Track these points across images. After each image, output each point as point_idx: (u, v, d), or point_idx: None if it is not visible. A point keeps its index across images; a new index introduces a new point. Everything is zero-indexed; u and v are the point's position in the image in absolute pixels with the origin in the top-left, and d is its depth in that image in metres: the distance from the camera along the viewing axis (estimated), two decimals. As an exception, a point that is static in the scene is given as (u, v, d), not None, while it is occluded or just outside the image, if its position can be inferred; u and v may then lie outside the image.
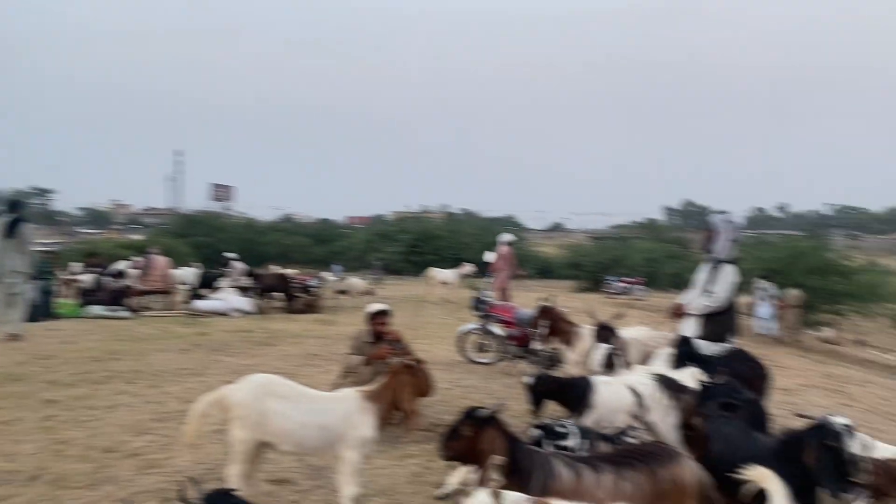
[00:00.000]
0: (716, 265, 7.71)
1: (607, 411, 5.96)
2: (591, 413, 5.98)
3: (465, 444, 4.16)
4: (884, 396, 12.21)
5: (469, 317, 12.33)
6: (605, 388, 6.09)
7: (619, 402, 5.98)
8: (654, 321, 12.81)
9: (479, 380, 9.95)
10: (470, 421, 4.17)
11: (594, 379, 6.26)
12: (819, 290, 23.26)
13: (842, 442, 3.99)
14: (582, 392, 6.05)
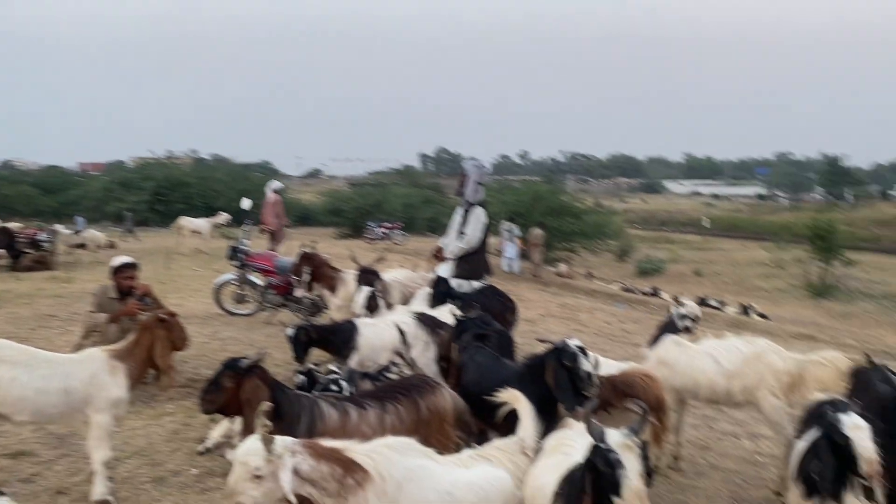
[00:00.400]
0: (468, 208, 8.18)
1: (372, 351, 6.16)
2: (356, 355, 6.13)
3: (226, 395, 4.04)
4: (608, 321, 13.93)
5: (225, 267, 11.88)
6: (368, 330, 6.27)
7: (382, 342, 6.21)
8: (414, 264, 13.30)
9: (238, 331, 9.69)
10: (230, 372, 4.05)
11: (358, 322, 6.39)
12: (555, 229, 25.72)
13: (577, 362, 4.49)
14: (347, 336, 6.17)
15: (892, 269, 35.97)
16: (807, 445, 4.06)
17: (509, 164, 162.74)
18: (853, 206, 70.23)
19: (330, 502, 3.18)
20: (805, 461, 4.01)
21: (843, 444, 3.67)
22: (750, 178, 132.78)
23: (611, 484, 2.91)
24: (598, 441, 2.99)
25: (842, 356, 5.66)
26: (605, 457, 2.94)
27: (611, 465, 2.91)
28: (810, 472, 3.91)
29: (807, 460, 3.98)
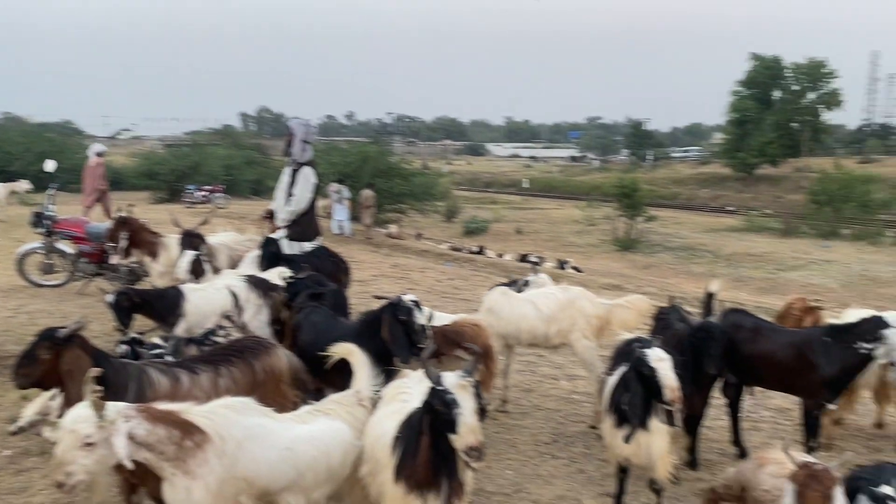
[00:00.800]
0: (296, 168, 8.06)
1: (201, 318, 5.95)
2: (183, 322, 5.91)
3: (44, 368, 3.78)
4: (438, 279, 14.35)
5: (29, 236, 10.87)
6: (196, 296, 6.04)
7: (211, 308, 6.02)
8: (238, 227, 12.89)
9: (48, 303, 8.97)
10: (47, 342, 3.79)
11: (185, 287, 6.15)
12: (385, 191, 25.86)
13: (412, 316, 4.65)
14: (172, 302, 5.92)
15: (687, 223, 39.79)
16: (617, 379, 4.50)
17: (335, 125, 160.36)
18: (653, 166, 76.55)
19: (168, 466, 3.11)
20: (615, 394, 4.45)
21: (650, 375, 4.12)
22: (564, 141, 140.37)
23: (447, 422, 3.10)
24: (436, 384, 3.16)
25: (643, 299, 6.30)
26: (442, 397, 3.12)
27: (447, 405, 3.10)
28: (620, 403, 4.35)
29: (617, 393, 4.43)
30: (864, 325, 5.04)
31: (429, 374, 3.20)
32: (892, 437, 6.25)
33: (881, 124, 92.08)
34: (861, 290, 22.00)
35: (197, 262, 7.06)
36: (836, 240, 31.86)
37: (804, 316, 6.47)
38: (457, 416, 3.07)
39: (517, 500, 4.83)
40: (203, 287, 6.28)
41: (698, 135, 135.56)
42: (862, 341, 4.95)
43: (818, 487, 3.48)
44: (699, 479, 5.24)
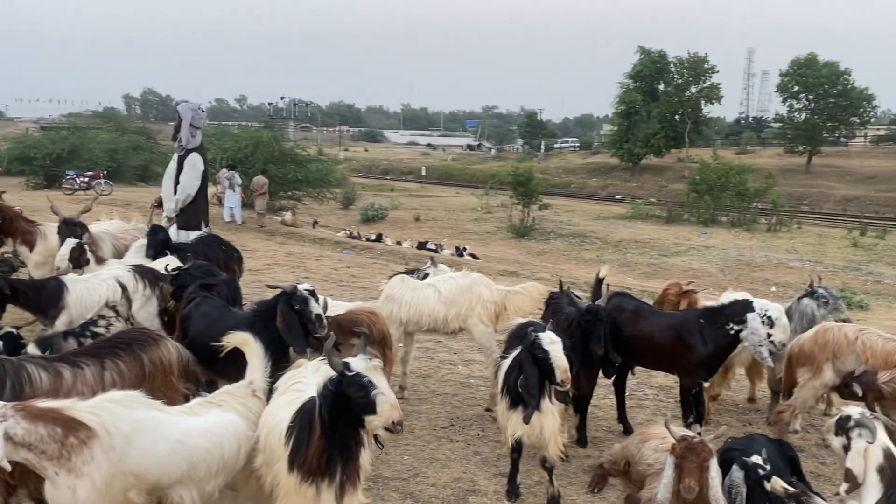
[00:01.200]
0: (183, 155, 7.79)
1: (84, 310, 5.66)
2: (65, 314, 5.62)
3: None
4: (335, 267, 14.23)
5: None
6: (79, 287, 5.75)
7: (95, 299, 5.73)
8: (124, 215, 12.31)
9: None
10: None
11: (66, 278, 5.83)
12: (279, 177, 25.29)
13: (307, 305, 4.60)
14: (52, 294, 5.61)
15: (578, 211, 41.11)
16: (511, 362, 4.64)
17: (226, 109, 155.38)
18: (546, 155, 78.56)
19: (50, 465, 2.97)
20: (509, 376, 4.58)
21: (543, 358, 4.27)
22: (461, 130, 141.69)
23: (366, 405, 3.14)
24: (345, 371, 3.17)
25: (537, 286, 6.49)
26: (358, 382, 3.15)
27: (364, 388, 3.15)
28: (515, 385, 4.48)
29: (511, 375, 4.56)
30: (733, 308, 5.40)
31: (333, 363, 3.20)
32: (763, 410, 6.72)
33: (756, 117, 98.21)
34: (737, 274, 23.49)
35: (79, 250, 6.69)
36: (714, 227, 33.79)
37: (679, 300, 6.85)
38: (375, 396, 3.13)
39: (414, 485, 4.89)
40: (86, 278, 5.98)
41: (588, 126, 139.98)
42: (731, 322, 5.30)
43: (695, 459, 3.73)
44: (588, 456, 5.48)
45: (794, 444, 5.00)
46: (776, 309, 5.31)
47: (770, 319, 5.22)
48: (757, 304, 5.31)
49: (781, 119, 57.77)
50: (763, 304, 5.32)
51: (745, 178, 35.64)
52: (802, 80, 53.40)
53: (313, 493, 3.23)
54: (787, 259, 25.57)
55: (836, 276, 22.08)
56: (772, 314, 5.23)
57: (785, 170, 51.03)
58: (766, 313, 5.23)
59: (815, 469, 5.48)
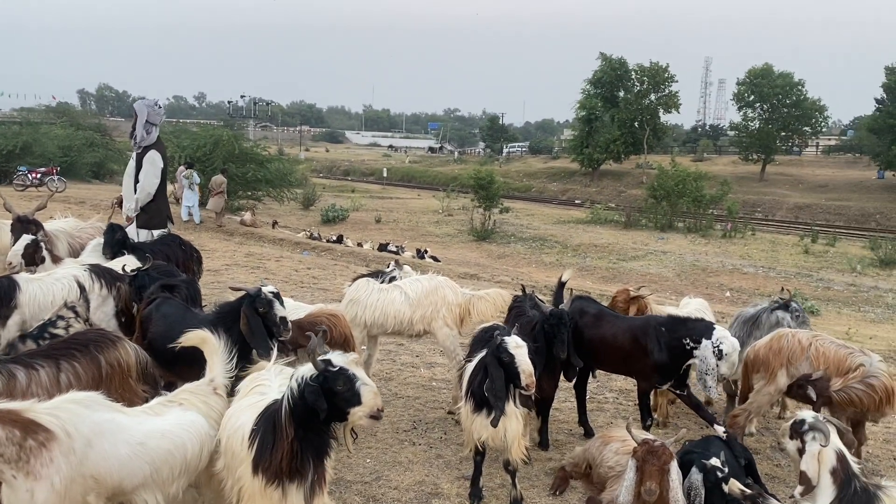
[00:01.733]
0: (141, 153, 7.66)
1: (38, 310, 5.51)
2: (17, 315, 5.44)
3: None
4: (295, 268, 14.10)
5: None
6: (33, 286, 5.57)
7: (49, 299, 5.58)
8: (78, 213, 12.01)
9: None
10: None
11: (18, 277, 5.65)
12: (238, 177, 24.98)
13: (272, 308, 4.55)
14: (5, 293, 5.43)
15: (538, 215, 41.44)
16: (475, 365, 4.65)
17: (184, 107, 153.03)
18: (507, 159, 79.03)
19: (7, 469, 2.88)
20: (474, 379, 4.59)
21: (508, 362, 4.29)
22: (423, 132, 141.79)
23: (350, 398, 3.17)
24: (328, 367, 3.18)
25: (501, 293, 6.51)
26: (343, 375, 3.17)
27: (349, 381, 3.18)
28: (480, 388, 4.49)
29: (476, 378, 4.57)
30: (694, 326, 5.38)
31: (316, 362, 3.19)
32: (720, 413, 6.86)
33: (712, 125, 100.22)
34: (693, 279, 23.92)
35: (34, 247, 6.49)
36: (671, 232, 34.37)
37: (628, 305, 6.90)
38: (360, 387, 3.17)
39: (377, 488, 4.87)
40: (40, 277, 5.80)
41: (549, 130, 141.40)
42: (688, 339, 5.30)
43: (656, 462, 3.80)
44: (550, 459, 5.52)
45: (749, 447, 5.11)
46: (731, 344, 5.22)
47: (720, 352, 5.15)
48: (716, 332, 5.24)
49: (737, 127, 59.01)
50: (721, 335, 5.24)
51: (701, 184, 36.32)
52: (758, 89, 54.67)
53: (279, 496, 3.20)
54: (742, 265, 26.14)
55: (787, 282, 22.64)
56: (724, 348, 5.16)
57: (740, 177, 52.18)
58: (719, 345, 5.16)
59: (771, 471, 5.61)
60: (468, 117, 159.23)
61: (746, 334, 6.46)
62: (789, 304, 6.52)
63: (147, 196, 7.63)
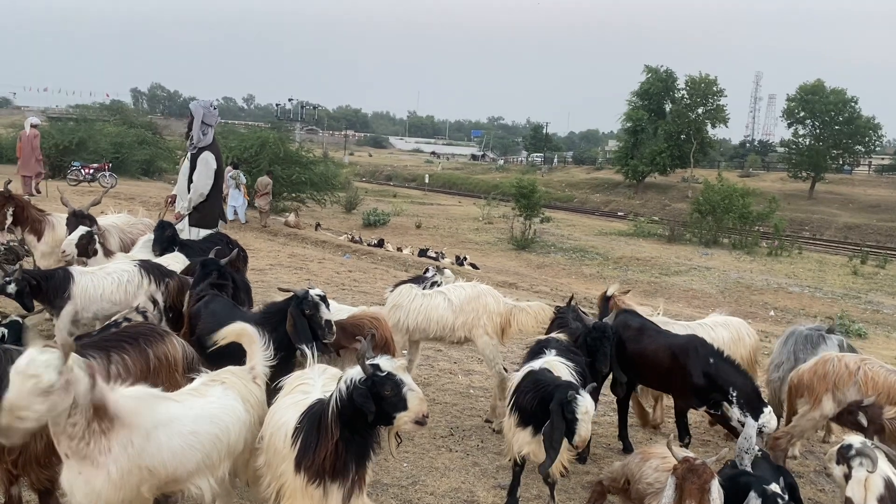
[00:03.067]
0: (196, 153, 7.82)
1: (87, 301, 5.70)
2: (70, 305, 5.63)
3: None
4: (337, 270, 14.23)
5: None
6: (84, 279, 5.77)
7: (97, 292, 5.78)
8: (128, 208, 12.32)
9: None
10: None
11: (74, 269, 5.85)
12: (283, 179, 25.34)
13: (318, 311, 4.60)
14: (60, 284, 5.64)
15: (580, 226, 41.20)
16: (524, 379, 4.56)
17: (233, 108, 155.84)
18: (550, 168, 78.72)
19: (70, 446, 2.99)
20: (522, 393, 4.48)
21: (571, 420, 4.19)
22: (466, 139, 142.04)
23: (397, 403, 3.21)
24: (376, 372, 3.22)
25: (543, 306, 6.46)
26: (391, 381, 3.21)
27: (396, 386, 3.20)
28: (528, 404, 4.40)
29: (526, 395, 4.45)
30: (749, 389, 5.17)
31: (364, 365, 3.23)
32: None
33: (760, 141, 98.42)
34: (737, 296, 23.50)
35: (88, 239, 6.64)
36: (716, 248, 33.82)
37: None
38: (406, 393, 3.20)
39: (413, 492, 4.89)
40: (93, 270, 5.99)
41: (594, 141, 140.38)
42: (735, 396, 5.09)
43: (696, 480, 3.74)
44: (587, 473, 5.47)
45: (792, 470, 5.00)
46: (772, 427, 5.07)
47: (762, 434, 4.95)
48: (766, 412, 5.05)
49: (786, 144, 57.87)
50: (769, 416, 5.04)
51: (748, 201, 35.68)
52: (809, 106, 53.56)
53: (320, 495, 3.24)
54: (787, 284, 25.59)
55: (834, 304, 22.12)
56: (767, 430, 5.01)
57: (788, 195, 51.14)
58: (764, 426, 4.98)
59: (814, 496, 5.48)
60: (512, 126, 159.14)
61: (800, 352, 6.28)
62: (832, 331, 6.36)
63: (200, 197, 7.80)
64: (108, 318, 5.69)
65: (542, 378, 4.48)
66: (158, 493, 3.38)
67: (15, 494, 3.93)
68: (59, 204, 7.77)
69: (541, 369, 4.58)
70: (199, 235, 7.67)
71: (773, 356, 6.72)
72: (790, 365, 6.40)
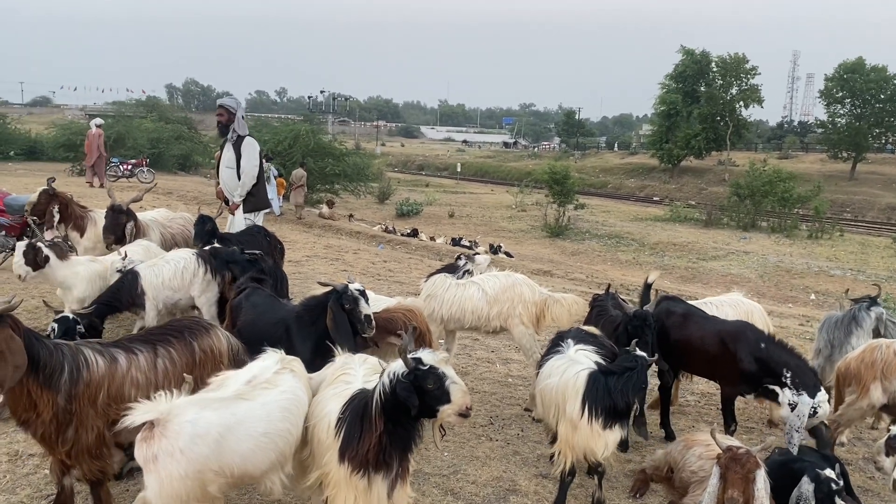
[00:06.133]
0: (237, 142, 7.95)
1: (155, 291, 5.97)
2: (147, 299, 5.93)
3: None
4: (372, 261, 14.31)
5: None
6: (146, 271, 6.04)
7: (158, 280, 6.03)
8: (165, 203, 12.53)
9: (-36, 279, 8.53)
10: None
11: (138, 267, 6.06)
12: (316, 171, 25.51)
13: (358, 305, 4.62)
14: (131, 284, 5.89)
15: (614, 212, 40.80)
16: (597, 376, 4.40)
17: (266, 102, 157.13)
18: (583, 154, 78.00)
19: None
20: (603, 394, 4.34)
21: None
22: (497, 127, 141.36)
23: (439, 396, 3.21)
24: (419, 365, 3.22)
25: (577, 300, 6.37)
26: (434, 374, 3.21)
27: (439, 380, 3.22)
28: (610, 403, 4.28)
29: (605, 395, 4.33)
30: (803, 370, 5.03)
31: (406, 359, 3.24)
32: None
33: (799, 122, 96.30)
34: (776, 281, 23.08)
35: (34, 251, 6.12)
36: (754, 232, 33.24)
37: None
38: (449, 386, 3.21)
39: (454, 481, 4.90)
40: (151, 262, 6.25)
41: (627, 125, 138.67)
42: (790, 376, 4.97)
43: (740, 470, 3.69)
44: (629, 461, 5.43)
45: (841, 457, 4.90)
46: (825, 411, 4.95)
47: (815, 412, 4.84)
48: (822, 393, 4.93)
49: (825, 124, 56.51)
50: (824, 398, 4.92)
51: (791, 184, 34.96)
52: (849, 84, 52.19)
53: (364, 485, 3.27)
54: (828, 267, 25.08)
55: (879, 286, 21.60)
56: (820, 412, 4.88)
57: (828, 176, 50.04)
58: (818, 405, 4.86)
59: (864, 483, 5.37)
60: (543, 112, 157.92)
61: (844, 336, 6.15)
62: (877, 302, 6.20)
63: (252, 179, 7.99)
64: (171, 306, 6.12)
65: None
66: (231, 490, 3.44)
67: (67, 485, 4.04)
68: (93, 200, 7.90)
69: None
70: (257, 219, 7.90)
71: (815, 343, 6.63)
72: (828, 352, 6.32)
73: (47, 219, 7.55)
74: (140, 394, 3.78)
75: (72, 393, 3.67)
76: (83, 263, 6.38)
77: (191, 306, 6.33)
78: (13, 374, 3.47)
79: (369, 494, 3.29)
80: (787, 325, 11.74)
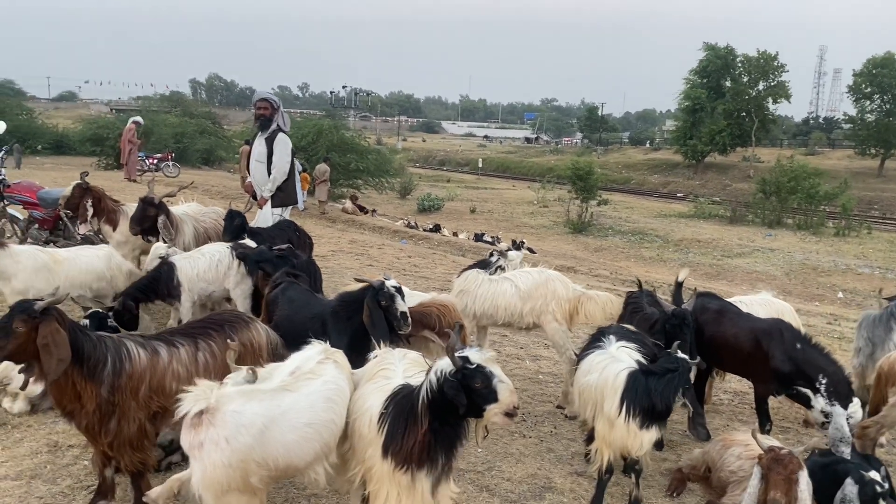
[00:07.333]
0: (269, 136, 8.00)
1: (189, 283, 6.09)
2: (184, 291, 6.03)
3: (19, 341, 3.55)
4: (396, 256, 14.32)
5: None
6: (182, 263, 6.13)
7: (193, 272, 6.15)
8: (190, 197, 12.57)
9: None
10: (24, 315, 3.58)
11: (174, 259, 6.17)
12: (339, 166, 25.61)
13: (394, 302, 4.62)
14: (167, 276, 6.01)
15: (638, 208, 40.52)
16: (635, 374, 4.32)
17: (289, 97, 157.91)
18: (606, 150, 77.50)
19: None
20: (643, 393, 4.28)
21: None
22: (519, 122, 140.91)
23: (487, 395, 3.19)
24: (466, 364, 3.20)
25: (612, 298, 6.29)
26: (481, 373, 3.19)
27: (487, 379, 3.19)
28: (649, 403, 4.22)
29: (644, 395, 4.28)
30: (839, 378, 4.96)
31: (453, 357, 3.22)
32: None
33: (825, 118, 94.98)
34: (803, 278, 22.82)
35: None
36: (780, 229, 32.85)
37: None
38: (496, 385, 3.19)
39: (489, 478, 4.89)
40: (187, 255, 6.36)
41: (650, 121, 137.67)
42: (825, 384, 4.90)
43: (782, 471, 3.63)
44: (664, 460, 5.39)
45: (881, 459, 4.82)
46: (858, 420, 4.85)
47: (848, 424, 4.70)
48: (855, 402, 4.84)
49: (852, 120, 55.63)
50: (857, 408, 4.83)
51: (817, 181, 34.49)
52: (877, 79, 51.35)
53: (408, 481, 3.26)
54: (856, 265, 24.74)
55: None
56: (852, 422, 4.77)
57: (855, 172, 49.34)
58: (851, 416, 4.75)
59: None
60: (565, 107, 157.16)
61: (885, 333, 6.03)
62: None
63: (282, 175, 8.06)
64: (205, 298, 6.23)
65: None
66: (273, 483, 3.45)
67: (108, 476, 4.08)
68: (124, 194, 7.98)
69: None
70: (285, 214, 7.94)
71: (854, 342, 6.53)
72: (869, 350, 6.21)
73: (80, 212, 7.64)
74: (181, 387, 3.80)
75: (115, 385, 3.70)
76: (26, 252, 5.88)
77: (225, 298, 6.39)
78: (57, 367, 3.52)
79: (413, 490, 3.28)
80: (815, 323, 11.61)
